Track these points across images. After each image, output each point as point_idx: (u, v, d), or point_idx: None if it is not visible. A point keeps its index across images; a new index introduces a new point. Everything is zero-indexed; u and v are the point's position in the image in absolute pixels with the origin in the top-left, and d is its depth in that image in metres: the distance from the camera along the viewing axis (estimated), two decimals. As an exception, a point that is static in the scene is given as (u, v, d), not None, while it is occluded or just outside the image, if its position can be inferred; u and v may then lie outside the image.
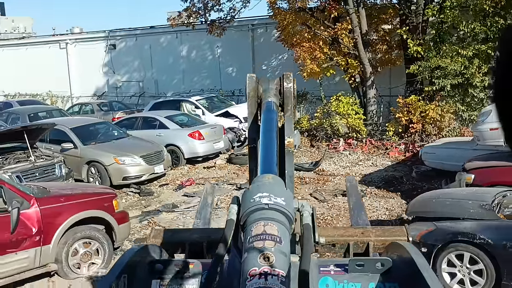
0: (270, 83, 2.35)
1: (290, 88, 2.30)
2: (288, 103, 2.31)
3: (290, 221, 1.62)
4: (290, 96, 2.32)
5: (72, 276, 7.40)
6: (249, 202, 1.62)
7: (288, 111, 2.30)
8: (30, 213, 6.95)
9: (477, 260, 6.47)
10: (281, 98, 2.32)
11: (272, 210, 1.58)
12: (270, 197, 1.60)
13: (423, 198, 7.98)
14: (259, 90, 2.33)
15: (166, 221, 10.08)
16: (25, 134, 10.41)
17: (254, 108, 2.33)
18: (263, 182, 1.72)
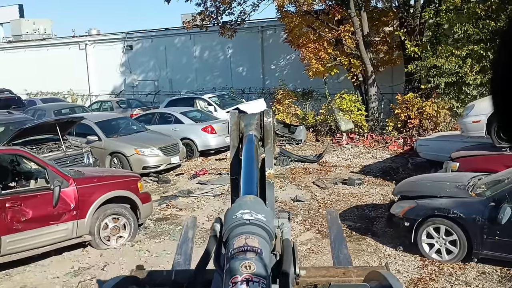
0: (251, 118, 2.44)
1: (270, 122, 2.38)
2: (268, 137, 2.38)
3: (271, 236, 1.66)
4: (270, 130, 2.39)
5: (103, 247, 8.57)
6: (231, 218, 1.68)
7: (268, 144, 2.37)
8: (69, 191, 8.14)
9: (451, 232, 7.54)
10: (261, 132, 2.39)
11: (253, 225, 1.63)
12: (251, 213, 1.66)
13: (408, 181, 9.08)
14: (241, 125, 2.40)
15: (182, 204, 11.26)
16: (57, 126, 11.63)
17: (236, 142, 2.39)
18: (245, 201, 1.79)
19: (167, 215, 10.56)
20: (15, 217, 7.50)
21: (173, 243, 8.89)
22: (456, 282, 7.00)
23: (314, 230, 9.36)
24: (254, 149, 2.26)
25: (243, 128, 2.42)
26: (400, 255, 8.00)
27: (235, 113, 2.47)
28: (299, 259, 7.09)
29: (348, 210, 10.46)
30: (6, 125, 12.40)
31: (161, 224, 9.98)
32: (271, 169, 2.23)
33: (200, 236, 9.19)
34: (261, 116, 2.44)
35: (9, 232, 7.41)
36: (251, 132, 2.38)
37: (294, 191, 12.09)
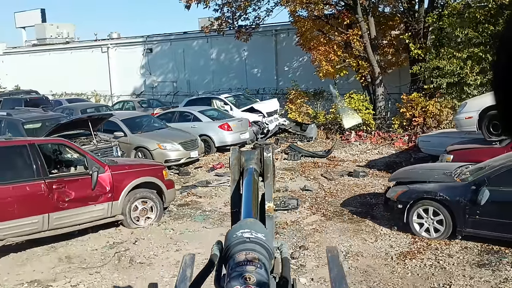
0: (252, 153, 2.52)
1: (269, 157, 2.45)
2: (268, 171, 2.44)
3: (270, 255, 1.70)
4: (270, 164, 2.46)
5: (133, 226, 9.77)
6: (231, 237, 1.72)
7: (268, 178, 2.43)
8: (105, 176, 9.37)
9: (438, 213, 8.59)
10: (261, 167, 2.46)
11: (253, 243, 1.67)
12: (251, 232, 1.71)
13: (403, 169, 10.18)
14: (242, 160, 2.47)
15: (201, 192, 12.46)
16: (89, 122, 12.90)
17: (237, 176, 2.45)
18: (245, 222, 1.86)
19: (188, 202, 11.76)
20: (60, 197, 8.74)
21: (194, 223, 10.12)
22: (441, 255, 8.05)
23: (319, 214, 10.46)
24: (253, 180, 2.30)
25: (243, 163, 2.48)
26: (394, 233, 9.07)
27: (236, 148, 2.56)
28: (305, 237, 8.23)
29: (352, 198, 11.54)
30: (42, 121, 13.69)
31: (183, 208, 11.18)
32: (270, 203, 2.30)
33: (218, 218, 10.39)
34: (261, 151, 2.52)
35: (55, 210, 8.65)
36: (251, 166, 2.45)
37: (303, 182, 13.20)
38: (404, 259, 7.94)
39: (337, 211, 10.59)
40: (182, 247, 8.82)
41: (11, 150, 8.62)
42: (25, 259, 8.51)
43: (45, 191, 8.54)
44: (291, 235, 9.22)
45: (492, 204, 8.07)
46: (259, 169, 2.50)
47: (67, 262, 8.38)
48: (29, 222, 8.40)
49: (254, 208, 2.15)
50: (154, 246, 8.90)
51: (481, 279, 7.14)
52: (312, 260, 8.08)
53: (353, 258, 8.09)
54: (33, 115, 14.19)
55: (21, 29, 41.83)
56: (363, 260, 8.04)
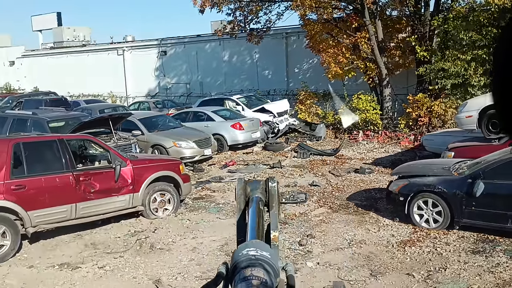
0: (257, 184, 2.56)
1: (274, 187, 2.50)
2: (273, 201, 2.49)
3: (275, 274, 1.73)
4: (275, 194, 2.50)
5: (152, 217, 10.49)
6: (237, 256, 1.77)
7: (273, 207, 2.48)
8: (127, 170, 10.11)
9: (437, 204, 9.20)
10: (267, 196, 2.51)
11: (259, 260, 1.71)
12: (257, 250, 1.75)
13: (405, 164, 10.81)
14: (247, 190, 2.52)
15: (215, 187, 13.17)
16: (110, 121, 13.67)
17: (243, 205, 2.52)
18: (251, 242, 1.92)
19: (202, 195, 12.47)
20: (86, 188, 9.49)
21: (209, 215, 10.82)
22: (439, 243, 8.66)
23: (326, 207, 11.12)
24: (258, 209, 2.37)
25: (249, 193, 2.53)
26: (396, 224, 9.70)
27: (242, 179, 2.60)
28: (312, 227, 8.93)
29: (357, 193, 12.18)
30: (66, 120, 14.49)
31: (198, 201, 11.89)
32: (276, 232, 2.32)
33: (231, 210, 11.09)
34: (266, 181, 2.56)
35: (82, 200, 9.40)
36: (256, 195, 2.50)
37: (312, 178, 13.85)
38: (404, 247, 8.56)
39: (343, 204, 11.23)
40: (198, 235, 9.53)
41: (42, 144, 9.40)
42: (54, 245, 9.27)
43: (73, 182, 9.30)
44: (299, 225, 9.89)
45: (487, 196, 8.65)
46: (264, 198, 2.53)
47: (92, 248, 9.13)
48: (59, 211, 9.16)
49: (260, 237, 2.19)
50: (172, 234, 9.62)
51: (475, 264, 7.74)
52: (318, 247, 8.74)
53: (357, 246, 8.73)
54: (57, 114, 15.01)
55: (38, 32, 42.91)
56: (366, 247, 8.68)
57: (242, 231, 2.38)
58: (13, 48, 39.82)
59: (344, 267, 7.86)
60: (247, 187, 2.55)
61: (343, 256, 8.30)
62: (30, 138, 9.52)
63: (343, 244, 8.88)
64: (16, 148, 8.88)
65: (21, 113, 15.52)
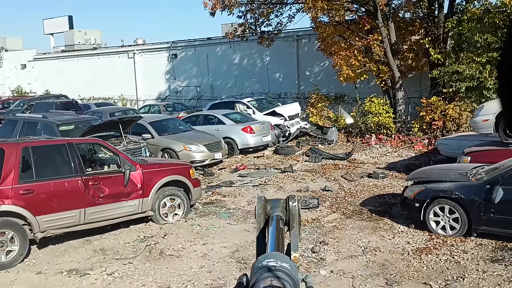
0: (277, 202, 2.55)
1: (295, 206, 2.48)
2: (294, 220, 2.48)
3: (295, 285, 1.72)
4: (295, 214, 2.49)
5: (161, 222, 10.32)
6: (257, 267, 1.77)
7: (294, 227, 2.47)
8: (136, 174, 9.96)
9: (454, 211, 8.95)
10: (287, 215, 2.50)
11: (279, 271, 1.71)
12: (277, 261, 1.75)
13: (421, 169, 10.55)
14: (267, 208, 2.51)
15: (225, 192, 12.98)
16: (120, 124, 13.56)
17: (262, 224, 2.51)
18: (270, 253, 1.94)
19: (213, 200, 12.29)
20: (95, 193, 9.35)
21: (219, 220, 10.64)
22: (456, 251, 8.41)
23: (339, 212, 10.89)
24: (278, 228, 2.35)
25: (269, 211, 2.51)
26: (411, 231, 9.45)
27: (262, 197, 2.57)
28: (325, 233, 8.71)
29: (371, 198, 11.93)
30: (76, 123, 14.40)
31: (209, 206, 11.71)
32: (296, 253, 2.30)
33: (241, 215, 10.90)
34: (286, 200, 2.53)
35: (91, 205, 9.27)
36: (276, 213, 2.48)
37: (324, 182, 13.62)
38: (420, 254, 8.32)
39: (356, 210, 11.00)
40: (208, 241, 9.35)
41: (51, 148, 9.28)
42: (63, 250, 9.13)
43: (81, 187, 9.17)
44: (312, 231, 9.67)
45: (506, 202, 8.40)
46: (285, 217, 2.49)
47: (101, 253, 8.98)
48: (68, 215, 9.03)
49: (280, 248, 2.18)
50: (182, 240, 9.44)
51: (494, 273, 7.48)
52: (331, 254, 8.52)
53: (371, 253, 8.50)
54: (66, 117, 14.93)
55: (49, 35, 43.13)
56: (381, 255, 8.44)
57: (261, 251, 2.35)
58: (25, 52, 40.04)
59: (358, 275, 7.63)
60: (267, 205, 2.51)
61: (357, 264, 8.08)
62: (39, 142, 9.40)
63: (357, 251, 8.65)
64: (25, 152, 8.77)
65: (31, 116, 15.48)
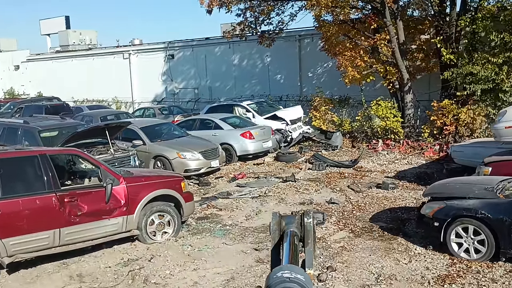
0: (292, 218, 2.55)
1: (310, 223, 2.46)
2: (309, 237, 2.45)
3: None
4: (310, 230, 2.46)
5: (149, 241, 9.22)
6: (272, 278, 1.79)
7: (308, 244, 2.43)
8: (119, 189, 8.85)
9: (479, 232, 7.84)
10: (302, 231, 2.48)
11: (293, 283, 1.73)
12: (292, 273, 1.78)
13: (439, 183, 9.39)
14: (282, 224, 2.51)
15: (222, 205, 11.87)
16: (106, 130, 12.47)
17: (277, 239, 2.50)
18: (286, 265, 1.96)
19: (207, 214, 11.18)
20: (72, 211, 8.25)
21: (213, 239, 9.52)
22: (483, 279, 7.29)
23: (347, 230, 9.77)
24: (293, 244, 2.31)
25: (284, 227, 2.50)
26: (429, 253, 8.33)
27: (277, 213, 2.58)
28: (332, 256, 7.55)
29: (381, 212, 10.82)
30: (59, 129, 13.32)
31: (202, 222, 10.60)
32: (311, 270, 2.26)
33: (238, 233, 9.79)
34: (301, 216, 2.52)
35: (67, 225, 8.16)
36: (291, 229, 2.48)
37: (329, 194, 12.52)
38: (443, 284, 7.22)
39: (366, 227, 9.88)
40: (200, 265, 8.25)
41: (21, 161, 8.17)
42: (35, 276, 8.03)
43: (56, 204, 8.07)
44: (317, 254, 8.55)
45: (541, 223, 7.32)
46: (299, 233, 2.49)
47: (78, 281, 7.88)
48: (40, 237, 7.94)
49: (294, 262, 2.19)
50: (170, 264, 8.34)
51: (531, 309, 6.38)
52: (340, 283, 7.41)
53: (386, 282, 7.39)
54: (50, 123, 13.84)
55: (46, 36, 42.09)
56: (397, 284, 7.34)
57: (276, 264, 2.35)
58: (18, 52, 38.93)
59: (373, 312, 6.52)
60: (282, 221, 2.55)
61: (372, 297, 6.97)
62: (7, 154, 8.28)
63: (369, 279, 7.54)
64: (-11, 165, 7.67)
65: (12, 121, 14.38)
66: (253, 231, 9.92)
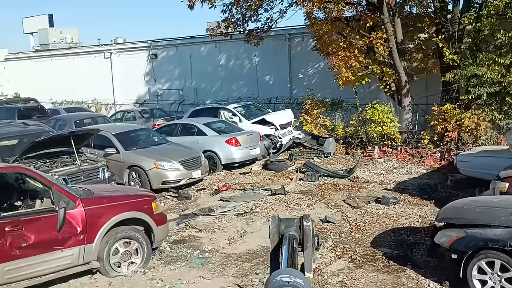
0: (291, 221, 2.59)
1: (309, 226, 2.49)
2: (307, 240, 2.48)
3: None
4: (309, 233, 2.49)
5: (113, 274, 7.79)
6: (271, 282, 1.81)
7: (307, 248, 2.47)
8: (76, 213, 7.41)
9: (508, 268, 6.51)
10: (301, 235, 2.50)
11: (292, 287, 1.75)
12: (291, 277, 1.80)
13: (454, 205, 8.01)
14: (281, 227, 2.54)
15: (202, 224, 10.44)
16: (71, 139, 10.99)
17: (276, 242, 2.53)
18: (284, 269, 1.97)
19: (185, 237, 9.75)
20: (15, 242, 6.80)
21: (189, 270, 8.11)
22: (515, 328, 5.97)
23: (346, 257, 8.40)
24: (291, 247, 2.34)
25: (283, 230, 2.53)
26: (446, 291, 7.00)
27: (276, 217, 2.60)
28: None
29: (384, 234, 9.47)
30: (20, 137, 11.82)
31: (178, 247, 9.17)
32: (310, 273, 2.32)
33: (219, 262, 8.38)
34: (300, 220, 2.57)
35: (8, 259, 6.72)
36: (290, 232, 2.50)
37: (324, 210, 11.17)
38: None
39: (367, 254, 8.51)
40: (170, 308, 6.83)
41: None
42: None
43: (-6, 235, 6.61)
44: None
45: None
46: (299, 237, 2.54)
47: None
48: (-28, 276, 6.48)
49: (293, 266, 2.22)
50: (135, 305, 6.92)
51: None
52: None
53: (396, 331, 6.02)
54: (9, 130, 12.30)
55: (29, 34, 40.37)
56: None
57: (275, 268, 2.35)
58: (-4, 51, 37.16)
59: None
60: (281, 225, 2.62)
61: None
62: None
63: (376, 327, 6.17)
64: None
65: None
66: (236, 259, 8.50)
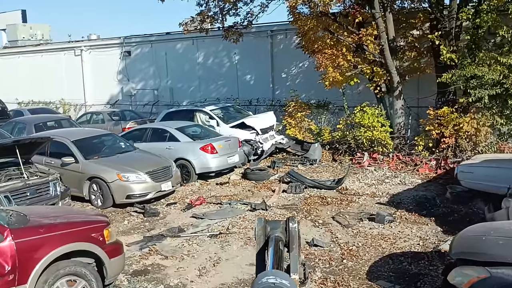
0: (277, 223, 2.71)
1: (295, 228, 2.65)
2: (293, 242, 2.60)
3: None
4: (295, 235, 2.64)
5: (53, 320, 6.31)
6: (257, 284, 2.00)
7: (293, 249, 2.56)
8: (4, 247, 5.92)
9: (541, 318, 5.20)
10: (287, 237, 2.63)
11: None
12: (276, 278, 2.00)
13: (470, 234, 6.60)
14: (267, 229, 2.66)
15: (169, 248, 8.95)
16: (17, 149, 9.43)
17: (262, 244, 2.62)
18: (270, 271, 2.17)
19: (147, 266, 8.25)
20: None
21: (149, 314, 6.62)
22: None
23: (338, 294, 7.02)
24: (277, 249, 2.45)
25: (269, 232, 2.69)
26: None
27: (262, 219, 2.82)
28: None
29: (381, 262, 8.11)
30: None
31: (138, 281, 7.67)
32: (295, 275, 2.36)
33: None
34: (286, 221, 2.78)
35: None
36: (276, 234, 2.66)
37: (310, 229, 9.80)
38: None
39: (363, 290, 7.14)
40: None
41: None
42: None
43: None
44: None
45: None
46: (284, 238, 2.69)
47: None
48: None
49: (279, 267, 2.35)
50: None
51: None
52: None
53: None
54: None
55: (1, 31, 38.29)
56: None
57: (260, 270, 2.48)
58: (-41, 48, 35.05)
59: None
60: (267, 226, 2.76)
61: None
62: None
63: None
64: None
65: None
66: (207, 298, 7.06)
